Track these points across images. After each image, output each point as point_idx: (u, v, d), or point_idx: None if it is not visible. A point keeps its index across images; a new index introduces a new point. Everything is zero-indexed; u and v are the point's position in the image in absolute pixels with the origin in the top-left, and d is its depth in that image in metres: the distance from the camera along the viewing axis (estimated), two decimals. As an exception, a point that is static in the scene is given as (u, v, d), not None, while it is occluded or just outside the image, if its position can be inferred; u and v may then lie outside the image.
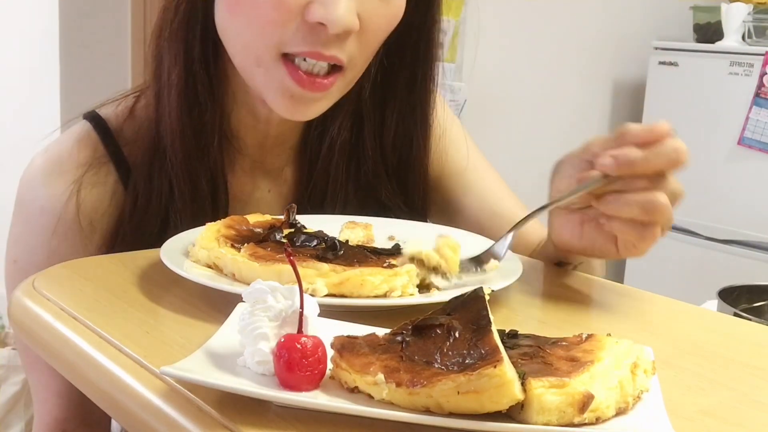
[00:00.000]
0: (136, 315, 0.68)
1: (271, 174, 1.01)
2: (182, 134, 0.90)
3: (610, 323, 0.73)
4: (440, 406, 0.49)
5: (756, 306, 1.33)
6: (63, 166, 0.91)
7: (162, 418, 0.53)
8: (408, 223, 0.96)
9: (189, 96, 0.90)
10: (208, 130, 0.92)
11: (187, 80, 0.90)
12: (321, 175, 1.00)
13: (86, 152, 0.92)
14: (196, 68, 0.90)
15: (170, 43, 0.90)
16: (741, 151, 2.99)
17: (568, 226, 0.82)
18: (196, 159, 0.91)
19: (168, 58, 0.90)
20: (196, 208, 0.91)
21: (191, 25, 0.89)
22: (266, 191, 1.00)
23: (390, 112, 1.00)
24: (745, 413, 0.56)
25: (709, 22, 3.26)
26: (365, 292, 0.69)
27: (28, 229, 0.92)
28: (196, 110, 0.91)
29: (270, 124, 0.96)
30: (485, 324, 0.53)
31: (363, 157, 1.00)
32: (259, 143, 0.98)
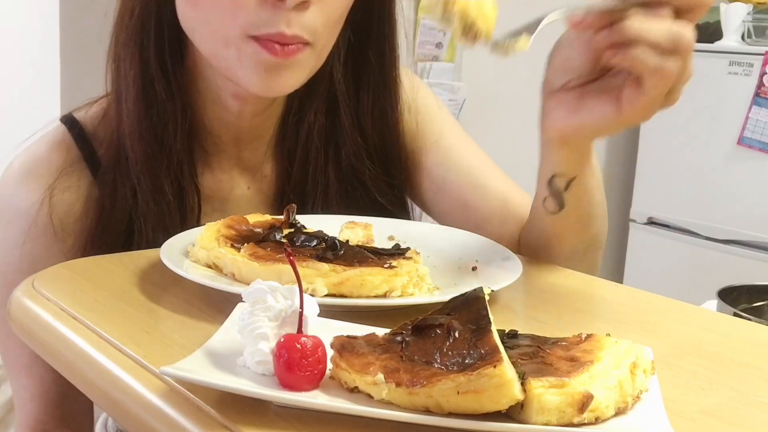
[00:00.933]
0: (136, 315, 0.68)
1: (249, 170, 1.00)
2: (141, 136, 0.90)
3: (609, 323, 0.73)
4: (440, 406, 0.49)
5: (756, 306, 1.33)
6: (38, 170, 0.92)
7: (162, 418, 0.53)
8: (408, 223, 0.96)
9: (147, 97, 0.90)
10: (170, 130, 0.91)
11: (144, 81, 0.90)
12: (301, 165, 0.99)
13: (61, 155, 0.93)
14: (153, 69, 0.90)
15: (126, 46, 0.90)
16: (741, 151, 2.99)
17: (562, 106, 0.78)
18: (157, 160, 0.91)
19: (125, 61, 0.91)
20: (160, 211, 0.90)
21: (146, 28, 0.90)
22: (246, 188, 1.00)
23: (364, 92, 1.00)
24: (745, 413, 0.56)
25: (708, 22, 3.26)
26: (365, 292, 0.69)
27: (3, 232, 0.93)
28: (154, 110, 0.90)
29: (243, 117, 0.96)
30: (485, 324, 0.53)
31: (342, 140, 0.99)
32: (234, 139, 0.98)
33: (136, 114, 0.90)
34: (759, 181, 2.96)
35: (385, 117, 1.01)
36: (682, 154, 3.15)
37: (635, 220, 3.33)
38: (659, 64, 0.70)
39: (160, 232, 0.89)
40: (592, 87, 0.77)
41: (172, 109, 0.91)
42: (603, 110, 0.75)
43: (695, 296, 1.26)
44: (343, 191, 0.99)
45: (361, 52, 0.99)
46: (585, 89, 0.77)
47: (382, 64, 1.00)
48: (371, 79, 1.00)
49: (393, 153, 1.03)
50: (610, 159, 3.51)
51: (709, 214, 3.09)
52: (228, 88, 0.92)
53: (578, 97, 0.78)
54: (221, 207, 0.97)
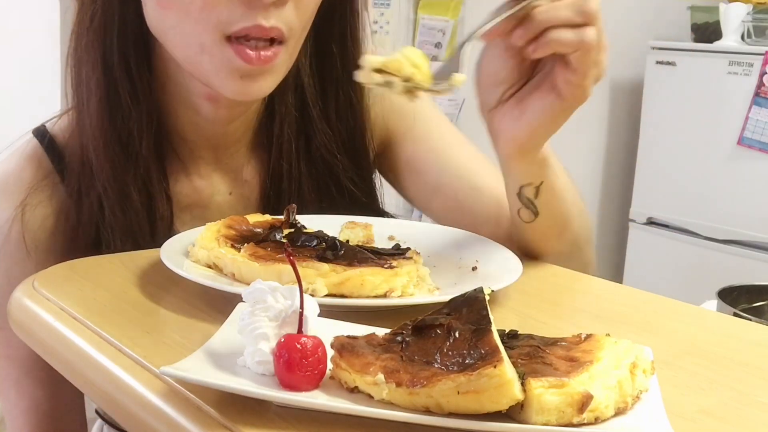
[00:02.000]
0: (136, 315, 0.68)
1: (230, 175, 0.98)
2: (105, 143, 0.87)
3: (609, 323, 0.73)
4: (440, 406, 0.49)
5: (756, 306, 1.33)
6: (9, 186, 0.90)
7: (162, 418, 0.53)
8: (408, 223, 0.96)
9: (111, 102, 0.87)
10: (135, 136, 0.88)
11: (107, 86, 0.87)
12: (276, 159, 0.97)
13: (32, 170, 0.90)
14: (116, 72, 0.87)
15: (87, 51, 0.87)
16: (741, 151, 2.99)
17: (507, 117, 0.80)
18: (123, 168, 0.88)
19: (86, 64, 0.88)
20: (128, 221, 0.88)
21: (108, 32, 0.87)
22: (227, 194, 0.98)
23: (329, 84, 0.98)
24: (745, 413, 0.56)
25: (707, 22, 3.26)
26: (365, 292, 0.69)
27: None
28: (119, 116, 0.88)
29: (216, 123, 0.93)
30: (485, 324, 0.53)
31: (312, 132, 0.98)
32: (211, 144, 0.96)
33: (99, 120, 0.87)
34: (759, 181, 2.96)
35: (351, 109, 1.00)
36: (682, 154, 3.15)
37: (635, 220, 3.33)
38: (578, 38, 0.73)
39: (128, 242, 0.87)
40: (526, 89, 0.79)
41: (137, 114, 0.88)
42: (545, 103, 0.77)
43: (695, 296, 1.26)
44: (315, 184, 0.98)
45: (325, 45, 0.97)
46: (520, 94, 0.79)
47: (346, 57, 0.98)
48: (335, 71, 0.98)
49: (361, 144, 1.01)
50: (610, 159, 3.51)
51: (709, 214, 3.09)
52: (201, 92, 0.90)
53: (517, 104, 0.79)
54: (201, 214, 0.95)
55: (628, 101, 3.45)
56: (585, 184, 3.46)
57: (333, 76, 0.98)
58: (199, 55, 0.83)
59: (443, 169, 1.02)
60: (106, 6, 0.86)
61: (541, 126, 0.79)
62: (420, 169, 1.04)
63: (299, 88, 0.97)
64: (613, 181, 3.53)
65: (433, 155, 1.03)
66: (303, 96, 0.98)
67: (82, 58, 0.88)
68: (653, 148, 3.25)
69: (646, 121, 3.27)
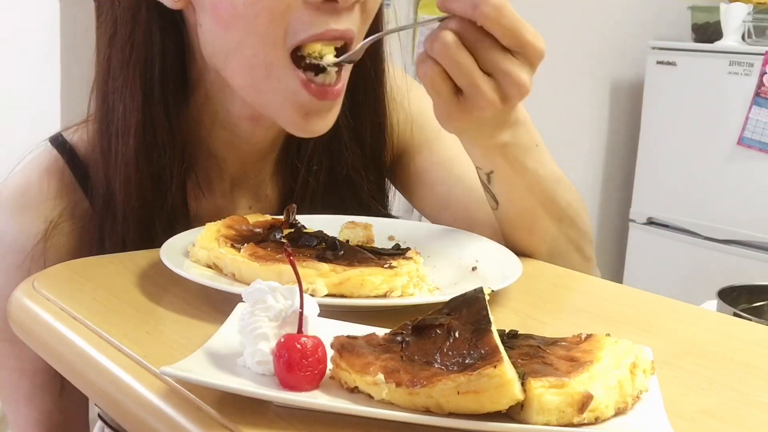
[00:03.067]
0: (136, 315, 0.68)
1: (251, 191, 0.98)
2: (138, 181, 0.85)
3: (609, 323, 0.73)
4: (440, 406, 0.49)
5: (756, 306, 1.33)
6: (31, 200, 0.87)
7: (162, 418, 0.53)
8: (408, 223, 0.96)
9: (147, 140, 0.85)
10: (167, 174, 0.86)
11: (145, 125, 0.84)
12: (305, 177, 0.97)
13: (55, 183, 0.88)
14: (156, 111, 0.85)
15: (125, 86, 0.84)
16: (741, 151, 2.99)
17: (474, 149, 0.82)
18: (151, 205, 0.87)
19: (123, 100, 0.84)
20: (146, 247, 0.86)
21: (148, 67, 0.84)
22: (247, 208, 0.97)
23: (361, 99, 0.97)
24: (745, 413, 0.56)
25: (707, 22, 3.26)
26: (365, 292, 0.69)
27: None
28: (154, 154, 0.85)
29: (251, 141, 0.93)
30: (485, 324, 0.53)
31: (340, 150, 0.97)
32: (240, 160, 0.95)
33: (135, 157, 0.84)
34: (759, 181, 2.96)
35: (378, 126, 1.00)
36: (682, 154, 3.15)
37: (635, 220, 3.33)
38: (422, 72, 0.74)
39: None
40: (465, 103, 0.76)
41: (171, 151, 0.86)
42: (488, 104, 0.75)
43: (695, 296, 1.26)
44: (336, 200, 0.98)
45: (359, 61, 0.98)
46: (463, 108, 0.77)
47: (377, 72, 0.98)
48: (367, 88, 0.97)
49: (382, 159, 1.02)
50: (610, 159, 3.51)
51: (709, 214, 3.09)
52: (242, 113, 0.89)
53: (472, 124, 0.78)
54: None
55: (629, 101, 3.45)
56: (585, 184, 3.46)
57: (364, 91, 0.97)
58: (264, 81, 0.80)
59: (454, 182, 1.02)
60: (146, 40, 0.83)
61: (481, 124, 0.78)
62: (430, 181, 1.04)
63: None
64: (614, 180, 3.53)
65: (443, 168, 1.03)
66: None
67: (116, 92, 0.84)
68: (653, 148, 3.25)
69: (646, 121, 3.27)
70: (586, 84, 3.31)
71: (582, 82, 3.29)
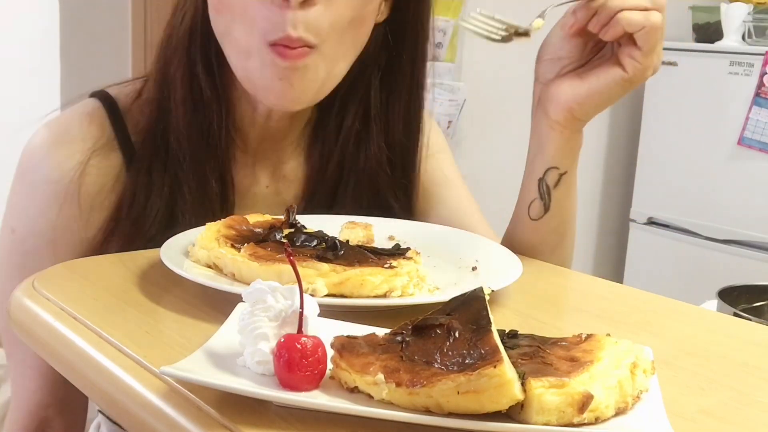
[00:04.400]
0: (136, 315, 0.68)
1: (269, 169, 1.01)
2: (189, 135, 0.92)
3: (609, 323, 0.73)
4: (440, 406, 0.49)
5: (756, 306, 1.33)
6: (69, 137, 0.92)
7: (162, 418, 0.53)
8: (408, 223, 0.96)
9: (195, 98, 0.93)
10: (215, 129, 0.93)
11: (192, 84, 0.93)
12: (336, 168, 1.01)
13: (94, 127, 0.93)
14: (199, 72, 0.93)
15: (176, 49, 0.93)
16: (741, 151, 2.99)
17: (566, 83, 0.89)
18: (204, 158, 0.93)
19: (174, 62, 0.93)
20: (204, 206, 0.92)
21: (193, 32, 0.92)
22: (264, 187, 1.01)
23: (395, 98, 1.01)
24: (745, 413, 0.56)
25: (708, 22, 3.26)
26: (365, 292, 0.69)
27: (29, 198, 0.92)
28: (201, 111, 0.93)
29: (271, 118, 0.97)
30: (485, 324, 0.53)
31: (367, 144, 1.01)
32: (261, 137, 0.99)
33: (184, 113, 0.92)
34: (759, 181, 2.96)
35: (412, 122, 1.03)
36: (682, 154, 3.16)
37: (635, 220, 3.33)
38: (645, 18, 0.83)
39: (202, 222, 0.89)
40: (588, 66, 0.89)
41: (217, 107, 0.93)
42: (608, 73, 0.86)
43: (695, 296, 1.26)
44: (353, 193, 1.01)
45: (395, 59, 1.00)
46: (581, 71, 0.89)
47: (414, 72, 1.01)
48: (403, 85, 1.01)
49: (410, 161, 1.04)
50: (610, 159, 3.51)
51: (709, 214, 3.09)
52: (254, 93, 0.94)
53: (578, 76, 0.88)
54: (239, 202, 0.98)
55: (630, 101, 3.45)
56: (586, 184, 3.46)
57: (401, 91, 1.01)
58: (245, 60, 0.86)
59: (440, 201, 1.08)
60: (194, 9, 0.92)
61: (599, 93, 0.87)
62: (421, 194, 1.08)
63: (364, 100, 1.00)
64: (614, 180, 3.53)
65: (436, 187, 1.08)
66: (368, 108, 1.00)
67: (169, 55, 0.93)
68: (654, 147, 3.25)
69: (647, 121, 3.27)
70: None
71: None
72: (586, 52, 0.89)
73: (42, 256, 0.90)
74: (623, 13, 0.83)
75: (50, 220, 0.91)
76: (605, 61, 0.87)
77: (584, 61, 0.89)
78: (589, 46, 0.89)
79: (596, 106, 0.88)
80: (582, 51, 0.89)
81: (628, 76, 0.85)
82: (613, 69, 0.86)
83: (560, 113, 0.89)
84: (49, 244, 0.90)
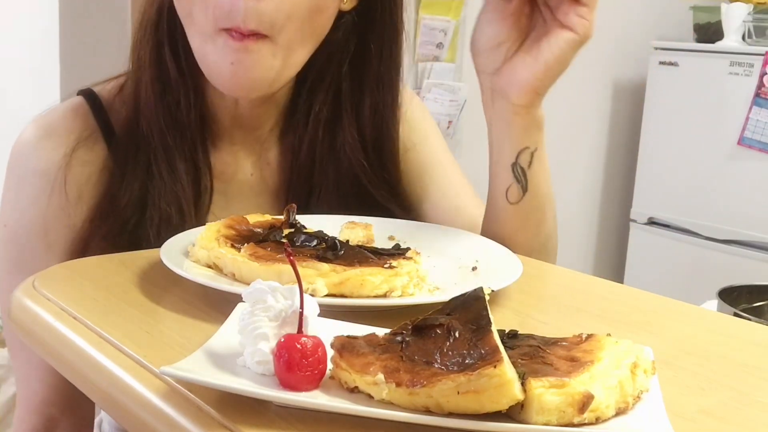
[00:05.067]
0: (136, 315, 0.68)
1: (253, 156, 1.02)
2: (157, 113, 0.94)
3: (610, 323, 0.73)
4: (440, 406, 0.49)
5: (756, 306, 1.33)
6: (55, 130, 0.94)
7: (162, 418, 0.53)
8: (408, 223, 0.96)
9: (163, 79, 0.94)
10: (182, 108, 0.95)
11: (159, 65, 0.94)
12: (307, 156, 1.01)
13: (78, 121, 0.95)
14: (165, 51, 0.94)
15: (145, 30, 0.95)
16: (741, 151, 2.99)
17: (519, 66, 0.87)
18: (174, 140, 0.94)
19: (142, 44, 0.95)
20: (174, 186, 0.93)
21: (161, 14, 0.94)
22: (249, 174, 1.02)
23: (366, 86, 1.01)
24: (745, 413, 0.56)
25: (709, 22, 3.26)
26: (365, 292, 0.69)
27: (18, 191, 0.94)
28: (169, 88, 0.94)
29: (239, 105, 0.98)
30: (485, 324, 0.53)
31: (339, 130, 1.01)
32: (238, 125, 1.00)
33: (153, 93, 0.94)
34: (759, 181, 2.96)
35: (383, 114, 1.03)
36: (682, 154, 3.16)
37: (635, 220, 3.33)
38: None
39: (173, 205, 0.92)
40: (532, 38, 0.87)
41: (184, 89, 0.94)
42: (560, 40, 0.85)
43: (695, 296, 1.26)
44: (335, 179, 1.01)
45: (365, 48, 1.00)
46: (527, 45, 0.87)
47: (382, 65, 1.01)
48: (373, 75, 1.01)
49: (388, 150, 1.04)
50: (610, 159, 3.51)
51: (709, 214, 3.09)
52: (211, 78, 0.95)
53: (528, 52, 0.87)
54: (224, 189, 0.99)
55: (631, 101, 3.45)
56: (586, 184, 3.46)
57: (371, 79, 1.01)
58: (203, 44, 0.88)
59: (429, 183, 1.08)
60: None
61: (557, 61, 0.86)
62: (410, 179, 1.08)
63: (334, 87, 1.01)
64: (614, 180, 3.53)
65: (425, 170, 1.08)
66: (338, 96, 1.01)
67: (141, 38, 0.96)
68: (654, 148, 3.25)
69: (647, 121, 3.27)
70: (589, 84, 3.31)
71: (584, 82, 3.29)
72: (523, 27, 0.88)
73: (35, 246, 0.92)
74: None
75: (40, 209, 0.92)
76: (549, 29, 0.86)
77: (524, 37, 0.88)
78: (523, 21, 0.87)
79: (556, 75, 0.88)
80: (519, 28, 0.87)
81: (579, 37, 0.85)
82: (563, 33, 0.85)
83: (524, 96, 0.88)
84: (40, 233, 0.92)
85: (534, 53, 0.86)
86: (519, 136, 0.91)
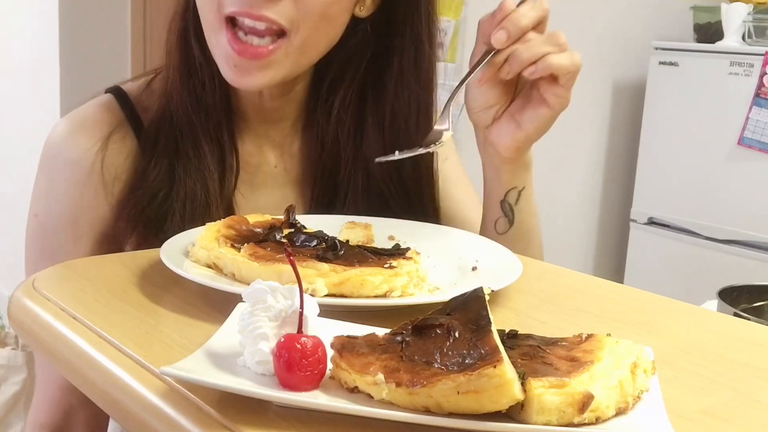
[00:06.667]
0: (136, 315, 0.68)
1: (277, 148, 1.04)
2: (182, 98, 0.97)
3: (610, 323, 0.73)
4: (440, 406, 0.49)
5: (756, 306, 1.33)
6: (87, 124, 0.97)
7: (162, 418, 0.53)
8: (408, 223, 0.96)
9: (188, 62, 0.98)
10: (207, 90, 0.98)
11: (186, 49, 0.98)
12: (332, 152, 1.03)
13: (108, 115, 0.98)
14: (191, 38, 0.97)
15: (174, 16, 0.99)
16: (741, 151, 2.99)
17: (503, 129, 0.97)
18: (197, 117, 0.97)
19: (171, 33, 0.99)
20: (198, 160, 0.96)
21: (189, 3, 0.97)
22: (273, 166, 1.04)
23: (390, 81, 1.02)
24: (745, 413, 0.56)
25: (709, 22, 3.26)
26: (365, 292, 0.69)
27: (51, 182, 0.97)
28: (194, 73, 0.97)
29: (263, 97, 1.00)
30: (485, 324, 0.53)
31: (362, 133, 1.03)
32: (261, 117, 1.02)
33: (179, 75, 0.97)
34: (759, 181, 2.96)
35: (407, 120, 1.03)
36: (682, 154, 3.15)
37: (635, 220, 3.33)
38: (572, 62, 0.91)
39: (198, 183, 0.94)
40: (516, 105, 0.97)
41: (209, 73, 0.97)
42: (538, 114, 0.95)
43: (695, 296, 1.26)
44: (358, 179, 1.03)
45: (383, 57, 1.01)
46: (511, 110, 0.97)
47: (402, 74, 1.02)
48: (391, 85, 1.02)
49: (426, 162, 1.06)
50: (610, 159, 3.51)
51: (709, 214, 3.09)
52: None
53: (512, 118, 0.96)
54: (249, 179, 1.01)
55: (631, 101, 3.45)
56: (586, 184, 3.46)
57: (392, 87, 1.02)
58: (209, 34, 0.92)
59: (445, 197, 1.11)
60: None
61: (535, 132, 0.96)
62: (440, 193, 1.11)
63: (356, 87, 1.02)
64: (615, 180, 3.53)
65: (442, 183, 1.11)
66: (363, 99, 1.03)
67: (171, 24, 1.00)
68: (654, 148, 3.25)
69: (647, 121, 3.27)
70: (589, 84, 3.31)
71: (585, 83, 3.27)
72: (508, 91, 0.97)
73: (63, 236, 0.94)
74: (551, 57, 0.90)
75: (72, 199, 0.95)
76: (531, 100, 0.95)
77: (510, 99, 0.97)
78: (510, 87, 0.97)
79: (537, 138, 0.97)
80: (506, 93, 0.97)
81: (555, 112, 0.95)
82: (541, 108, 0.94)
83: (508, 152, 0.98)
84: (69, 223, 0.94)
85: (517, 120, 0.96)
86: (508, 178, 1.00)
